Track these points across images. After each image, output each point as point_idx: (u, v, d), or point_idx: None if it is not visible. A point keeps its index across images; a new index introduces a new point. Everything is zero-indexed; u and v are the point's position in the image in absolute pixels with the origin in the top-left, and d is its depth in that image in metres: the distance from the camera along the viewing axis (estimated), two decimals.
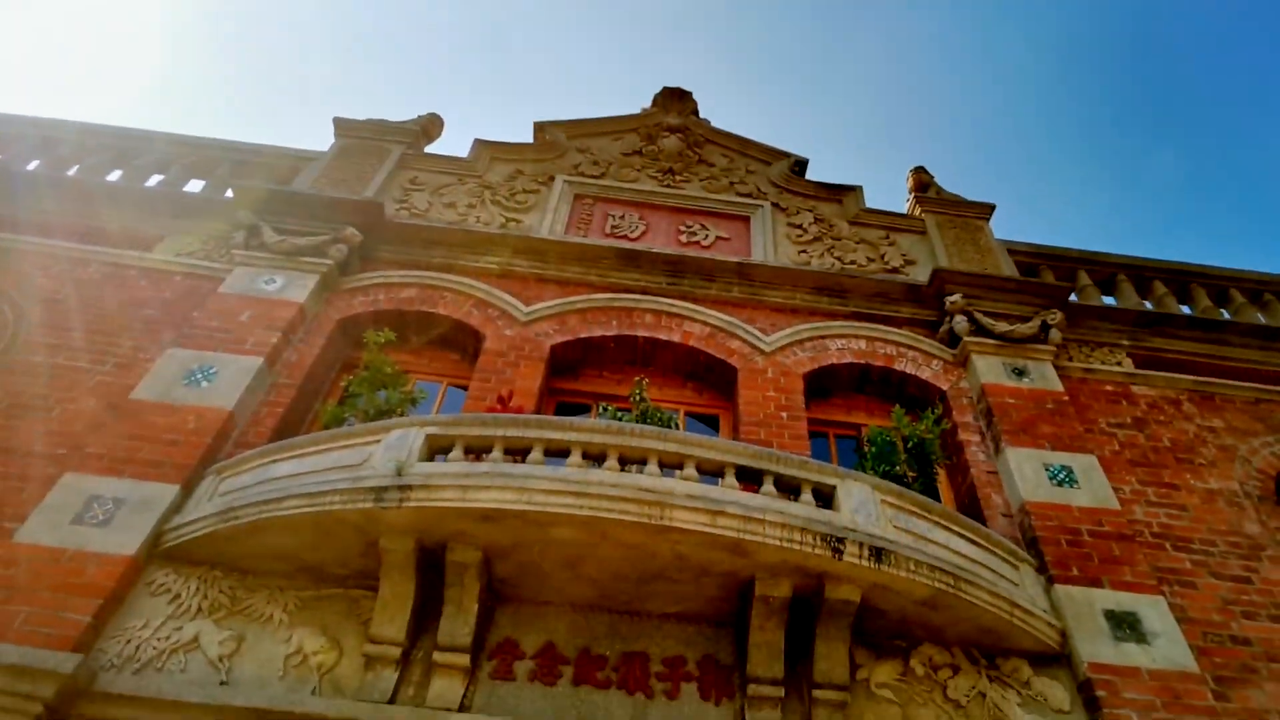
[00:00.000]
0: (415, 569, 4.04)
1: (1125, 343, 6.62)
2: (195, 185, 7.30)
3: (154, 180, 7.23)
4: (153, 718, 3.66)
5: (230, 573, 4.32)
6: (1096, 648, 4.27)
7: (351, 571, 4.27)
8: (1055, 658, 4.33)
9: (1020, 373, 6.03)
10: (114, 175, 7.27)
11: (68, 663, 3.58)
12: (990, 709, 4.11)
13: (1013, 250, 7.47)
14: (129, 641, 3.99)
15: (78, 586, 3.99)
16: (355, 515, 3.97)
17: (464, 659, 3.93)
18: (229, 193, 6.82)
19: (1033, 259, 7.47)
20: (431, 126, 8.24)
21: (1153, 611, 4.47)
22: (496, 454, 4.19)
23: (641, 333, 6.21)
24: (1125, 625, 4.39)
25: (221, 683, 3.87)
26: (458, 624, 3.97)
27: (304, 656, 4.00)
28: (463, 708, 3.85)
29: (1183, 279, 7.45)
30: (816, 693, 3.96)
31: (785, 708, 3.98)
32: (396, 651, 3.96)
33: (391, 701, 3.84)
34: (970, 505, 5.32)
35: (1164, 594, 4.62)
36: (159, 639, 4.02)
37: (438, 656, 3.93)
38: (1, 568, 4.04)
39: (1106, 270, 7.48)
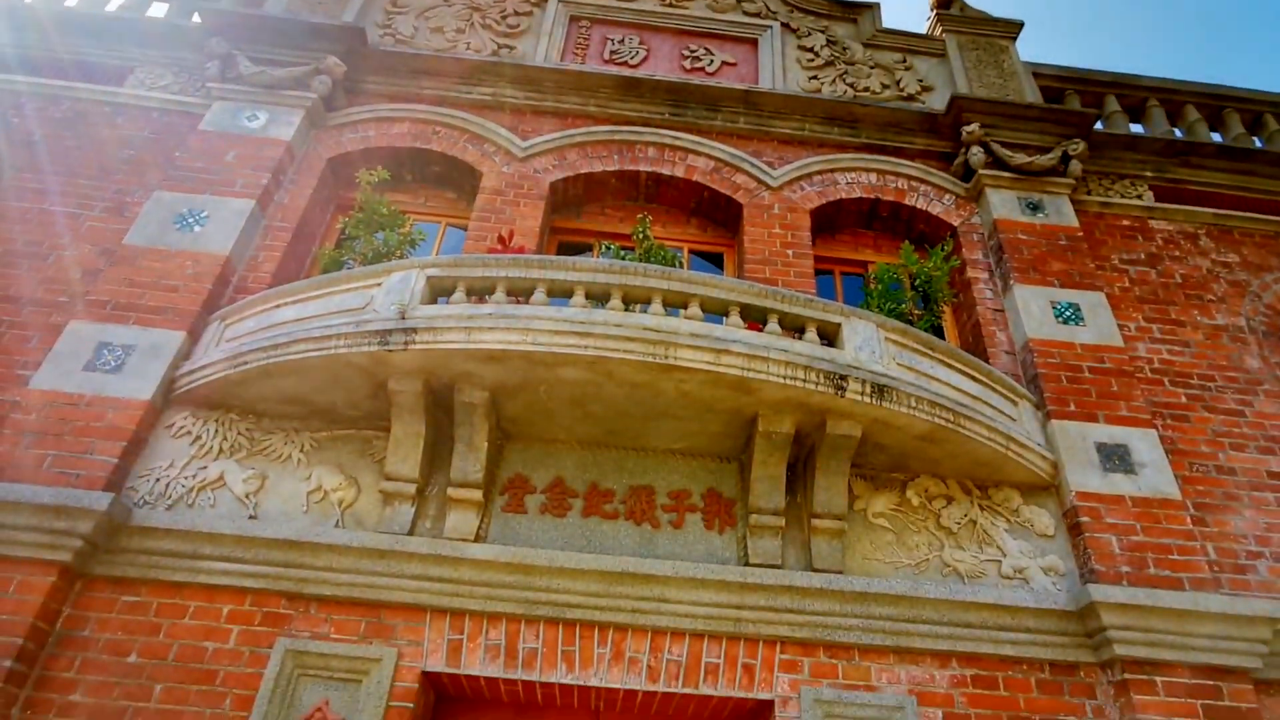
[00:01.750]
0: (425, 410, 4.13)
1: (1149, 174, 6.36)
2: (159, 9, 6.74)
3: (114, 4, 6.68)
4: (190, 548, 3.88)
5: (245, 415, 4.43)
6: (1085, 478, 4.44)
7: (363, 413, 4.37)
8: (1045, 488, 4.53)
9: (1035, 207, 5.84)
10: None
11: (102, 500, 3.74)
12: (979, 534, 4.35)
13: (1038, 74, 6.99)
14: (158, 480, 4.16)
15: (100, 430, 4.10)
16: (362, 358, 4.00)
17: (477, 494, 4.10)
18: (196, 17, 6.33)
19: (1059, 83, 7.01)
20: None
21: (1143, 444, 4.60)
22: (499, 295, 4.16)
23: (644, 167, 5.97)
24: (1115, 457, 4.53)
25: (250, 517, 4.07)
26: (469, 461, 4.11)
27: (324, 493, 4.19)
28: (478, 539, 4.07)
29: (1217, 104, 7.02)
30: (815, 522, 4.16)
31: (785, 536, 4.21)
32: (412, 488, 4.13)
33: (410, 534, 4.06)
34: (975, 343, 5.35)
35: (1156, 427, 4.74)
36: (186, 477, 4.19)
37: (452, 492, 4.10)
38: (21, 414, 4.13)
39: (1138, 96, 7.04)
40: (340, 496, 4.17)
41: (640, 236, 4.97)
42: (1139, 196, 6.25)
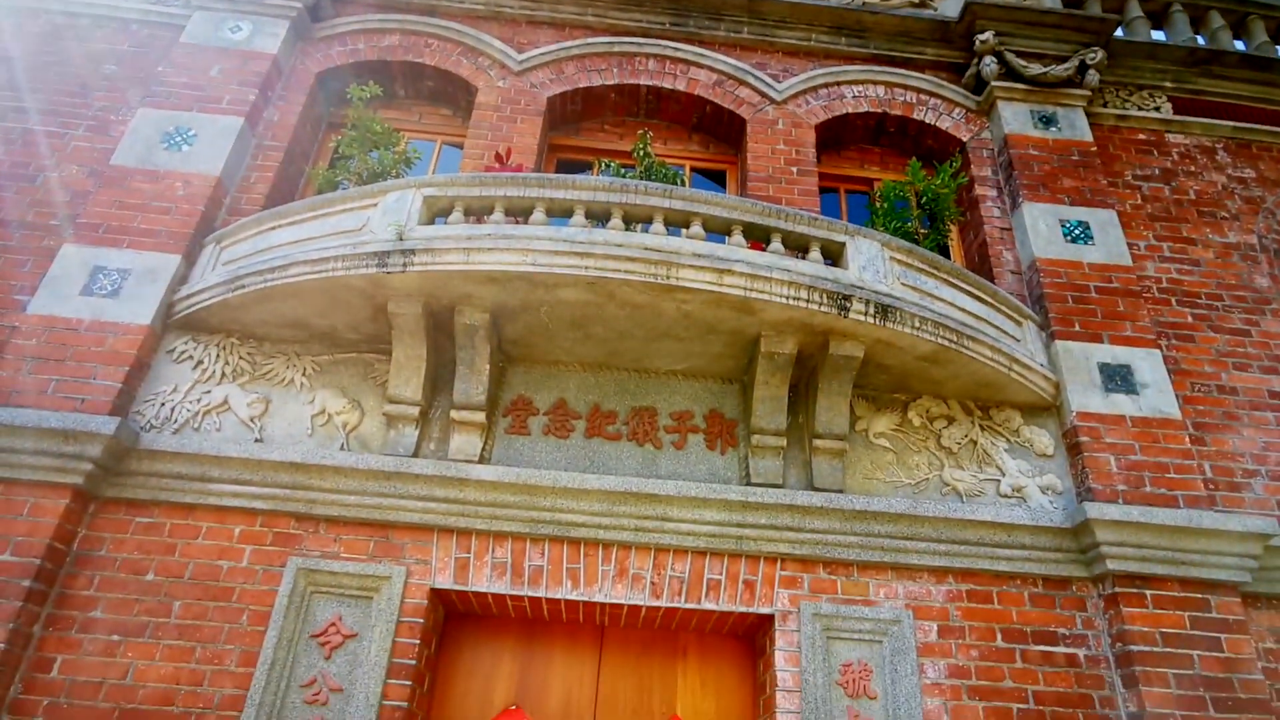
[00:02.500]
0: (425, 332, 4.11)
1: (1168, 84, 6.12)
2: None
3: None
4: (199, 471, 3.92)
5: (246, 340, 4.42)
6: (1087, 399, 4.44)
7: (364, 336, 4.35)
8: (1047, 408, 4.54)
9: (1048, 121, 5.65)
10: None
11: (109, 425, 3.76)
12: (979, 454, 4.39)
13: None
14: (163, 405, 4.18)
15: (102, 355, 4.09)
16: (360, 281, 3.96)
17: (480, 416, 4.12)
18: None
19: None
20: None
21: (1146, 364, 4.58)
22: (498, 215, 4.09)
23: (644, 81, 5.76)
24: (1117, 377, 4.53)
25: (256, 440, 4.11)
26: (471, 384, 4.12)
27: (328, 416, 4.21)
28: (482, 460, 4.11)
29: (1242, 10, 6.69)
30: (817, 442, 4.19)
31: (786, 456, 4.25)
32: (415, 411, 4.15)
33: (414, 455, 4.10)
34: (981, 262, 5.27)
35: (1160, 347, 4.71)
36: (191, 402, 4.21)
37: (455, 414, 4.12)
38: (21, 339, 4.11)
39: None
40: (344, 419, 4.20)
41: (641, 153, 4.84)
42: (1157, 109, 6.04)
